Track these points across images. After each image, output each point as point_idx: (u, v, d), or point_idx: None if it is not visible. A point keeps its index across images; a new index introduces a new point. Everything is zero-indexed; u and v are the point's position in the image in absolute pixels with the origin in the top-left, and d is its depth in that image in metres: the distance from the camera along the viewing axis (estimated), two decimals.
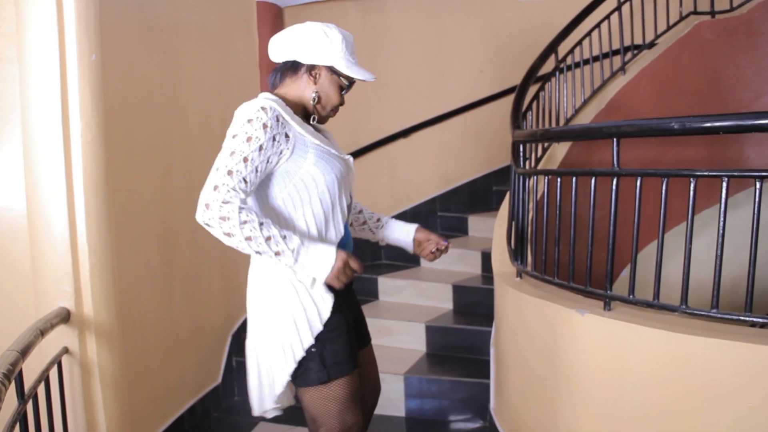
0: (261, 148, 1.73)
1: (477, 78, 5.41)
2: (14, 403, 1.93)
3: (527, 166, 3.21)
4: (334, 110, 2.03)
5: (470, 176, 5.55)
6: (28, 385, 2.06)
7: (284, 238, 1.72)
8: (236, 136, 1.74)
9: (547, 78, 3.84)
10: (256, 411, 2.00)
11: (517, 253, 2.90)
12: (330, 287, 1.87)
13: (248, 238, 1.68)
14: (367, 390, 2.16)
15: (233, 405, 3.84)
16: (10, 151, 2.56)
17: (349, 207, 2.03)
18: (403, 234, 2.25)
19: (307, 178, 1.84)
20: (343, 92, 2.00)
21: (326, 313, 1.85)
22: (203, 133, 3.61)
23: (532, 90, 3.75)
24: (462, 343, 3.88)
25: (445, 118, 5.38)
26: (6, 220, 2.58)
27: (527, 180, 2.86)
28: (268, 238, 1.70)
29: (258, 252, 1.71)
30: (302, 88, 1.95)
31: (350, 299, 2.05)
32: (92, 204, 2.50)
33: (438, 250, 2.21)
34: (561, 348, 2.34)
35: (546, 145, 3.71)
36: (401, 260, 5.02)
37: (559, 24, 3.89)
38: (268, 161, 1.77)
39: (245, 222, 1.67)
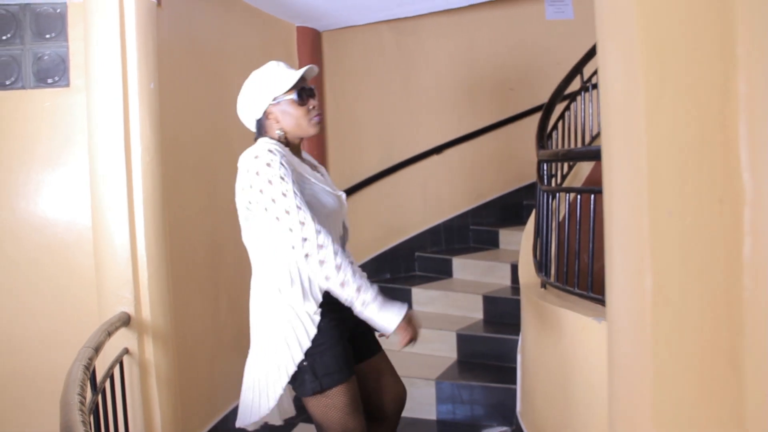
0: (293, 181, 1.97)
1: (507, 96, 5.60)
2: (88, 394, 2.18)
3: (553, 183, 3.39)
4: (312, 125, 2.15)
5: (501, 191, 5.74)
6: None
7: (362, 277, 1.97)
8: (271, 182, 1.95)
9: (573, 97, 4.01)
10: (240, 423, 2.16)
11: (541, 265, 3.08)
12: (332, 307, 2.08)
13: (338, 267, 1.92)
14: (387, 399, 2.32)
15: None
16: (77, 169, 2.83)
17: (342, 238, 2.25)
18: None
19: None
20: (297, 100, 2.11)
21: (313, 331, 2.04)
22: None
23: (560, 107, 3.92)
24: (491, 351, 4.05)
25: (477, 135, 5.56)
26: (73, 232, 2.85)
27: (551, 197, 3.04)
28: (353, 273, 1.94)
29: (341, 284, 1.92)
30: (274, 131, 2.15)
31: (345, 314, 2.13)
32: (150, 219, 2.76)
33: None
34: (580, 354, 2.52)
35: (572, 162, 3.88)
36: (434, 272, 5.21)
37: (588, 41, 4.04)
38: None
39: (336, 252, 1.92)
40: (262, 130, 2.18)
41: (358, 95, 5.07)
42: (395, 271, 5.27)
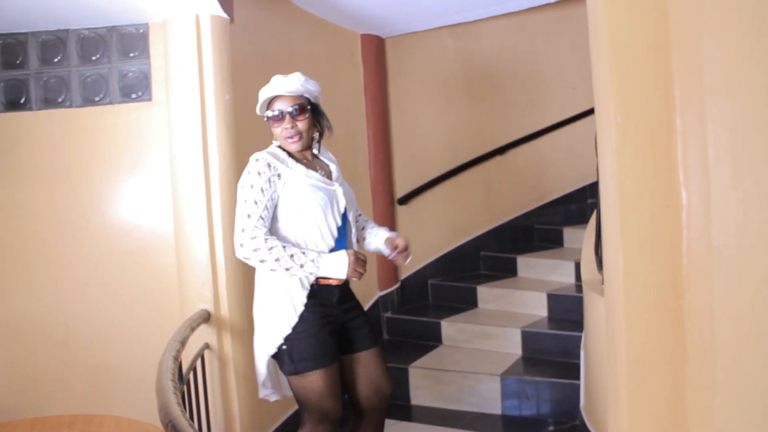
0: (262, 190, 2.28)
1: (569, 95, 5.61)
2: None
3: None
4: (287, 143, 2.41)
5: (565, 190, 5.76)
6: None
7: (303, 253, 2.25)
8: (243, 187, 2.31)
9: None
10: (261, 394, 2.51)
11: (602, 263, 3.12)
12: (320, 300, 2.37)
13: (277, 259, 2.22)
14: (364, 393, 2.50)
15: None
16: (159, 178, 3.06)
17: (343, 228, 2.45)
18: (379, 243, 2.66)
19: (298, 205, 2.34)
20: (271, 118, 2.41)
21: (294, 320, 2.32)
22: None
23: None
24: (555, 347, 4.10)
25: (539, 135, 5.60)
26: (157, 237, 3.08)
27: None
28: (291, 255, 2.23)
29: (287, 269, 2.23)
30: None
31: (333, 311, 2.41)
32: (227, 223, 2.95)
33: (397, 250, 2.55)
34: None
35: None
36: (499, 271, 5.28)
37: None
38: (271, 198, 2.31)
39: (272, 248, 2.22)
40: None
41: (421, 98, 5.18)
42: (461, 270, 5.36)
